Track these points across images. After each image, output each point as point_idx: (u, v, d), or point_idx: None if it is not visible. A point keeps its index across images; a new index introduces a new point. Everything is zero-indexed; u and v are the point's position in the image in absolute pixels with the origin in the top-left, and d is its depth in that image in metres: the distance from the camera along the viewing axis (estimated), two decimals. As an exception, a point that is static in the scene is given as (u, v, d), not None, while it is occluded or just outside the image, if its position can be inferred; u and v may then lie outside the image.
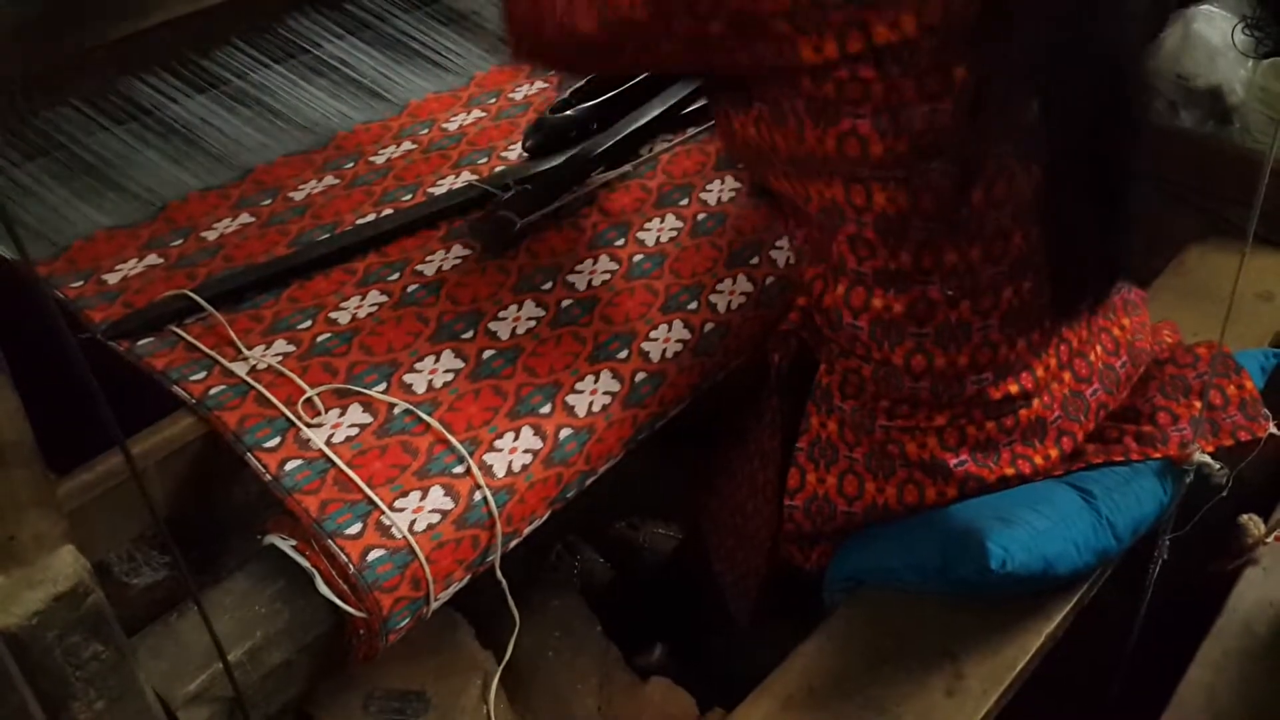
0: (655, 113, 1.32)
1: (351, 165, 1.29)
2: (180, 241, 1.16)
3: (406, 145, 1.32)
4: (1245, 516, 1.17)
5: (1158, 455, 1.11)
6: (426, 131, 1.34)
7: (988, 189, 0.92)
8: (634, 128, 1.29)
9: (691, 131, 1.35)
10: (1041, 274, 1.00)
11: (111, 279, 1.11)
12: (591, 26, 0.92)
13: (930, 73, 0.86)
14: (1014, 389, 1.04)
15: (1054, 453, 1.09)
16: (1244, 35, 1.60)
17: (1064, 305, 1.04)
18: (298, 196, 1.24)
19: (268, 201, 1.23)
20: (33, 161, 1.20)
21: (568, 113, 1.29)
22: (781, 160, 0.97)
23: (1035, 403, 1.06)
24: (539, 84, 1.44)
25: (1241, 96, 1.58)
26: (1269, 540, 1.16)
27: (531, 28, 0.98)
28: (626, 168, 1.27)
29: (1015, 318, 1.01)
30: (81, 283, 1.10)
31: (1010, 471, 1.07)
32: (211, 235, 1.18)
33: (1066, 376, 1.09)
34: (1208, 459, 1.08)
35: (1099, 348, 1.12)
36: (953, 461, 1.05)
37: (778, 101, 0.93)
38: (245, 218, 1.20)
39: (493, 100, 1.40)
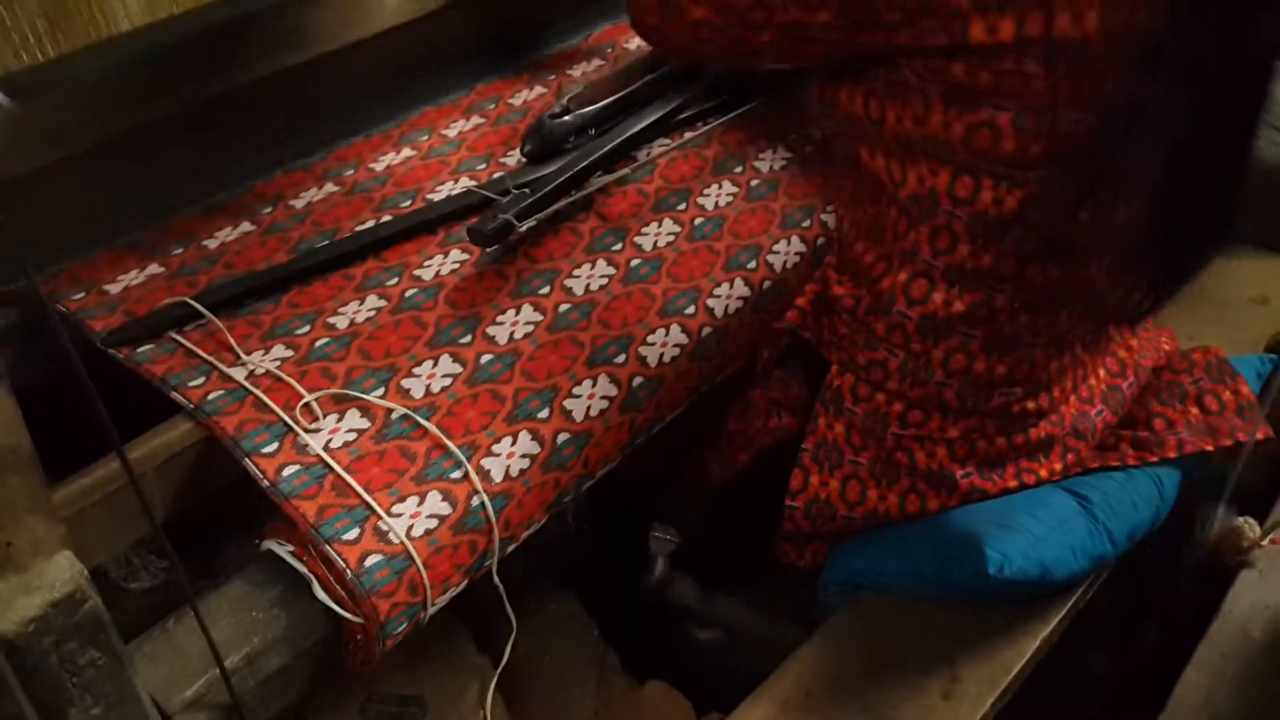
0: (653, 117, 1.32)
1: (351, 173, 1.29)
2: (181, 250, 1.17)
3: (406, 152, 1.32)
4: (1241, 520, 1.17)
5: (1154, 459, 1.11)
6: (426, 138, 1.35)
7: (1096, 211, 0.90)
8: (631, 132, 1.30)
9: (689, 136, 1.35)
10: (1092, 300, 0.99)
11: (113, 289, 1.11)
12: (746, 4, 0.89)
13: (1089, 79, 0.83)
14: (1032, 405, 1.05)
15: (1058, 466, 1.10)
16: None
17: (1100, 335, 1.03)
18: (298, 204, 1.24)
19: (268, 210, 1.23)
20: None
21: (565, 118, 1.30)
22: (887, 137, 0.94)
23: (1044, 422, 1.07)
24: (538, 90, 1.44)
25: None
26: (1264, 543, 1.16)
27: (665, 10, 0.95)
28: (624, 172, 1.28)
29: (1061, 339, 1.01)
30: (83, 294, 1.10)
31: (1014, 484, 1.08)
32: (213, 244, 1.18)
33: (1073, 399, 1.09)
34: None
35: (1102, 370, 1.13)
36: (959, 473, 1.06)
37: (906, 81, 0.89)
38: (246, 226, 1.20)
39: (492, 106, 1.41)
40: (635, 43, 1.55)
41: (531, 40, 1.53)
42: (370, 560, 0.88)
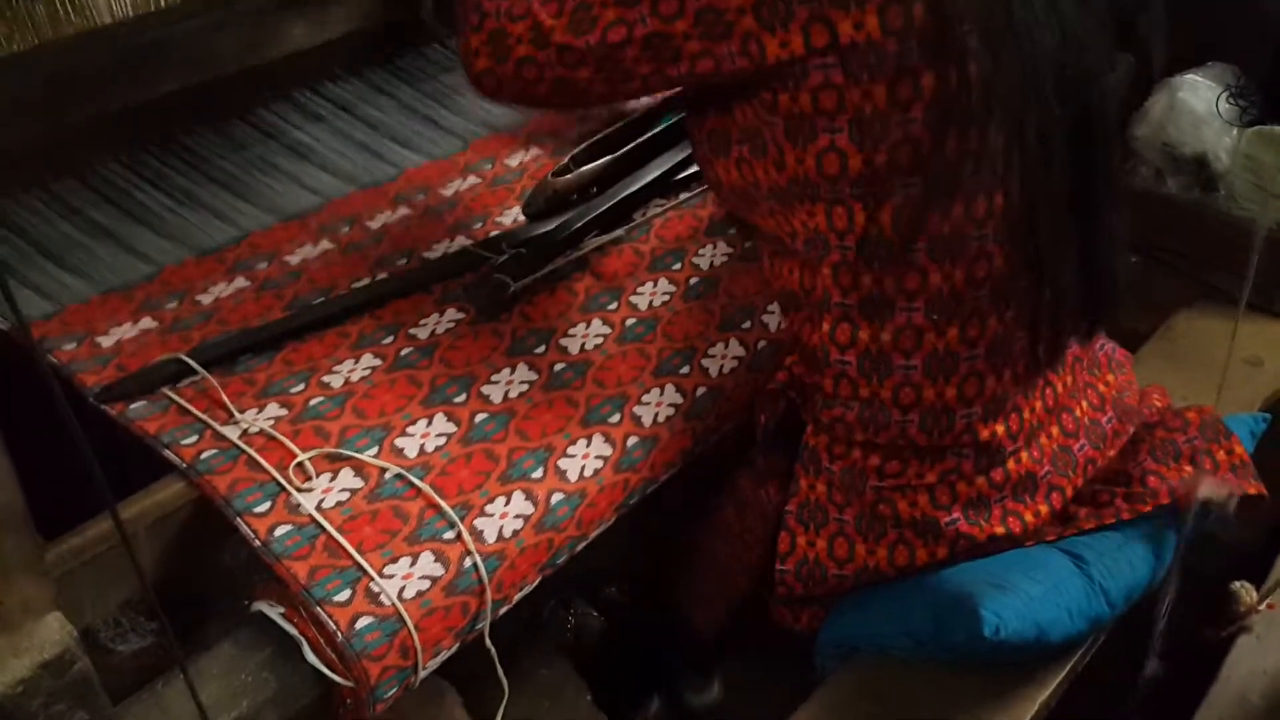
0: (649, 178, 1.33)
1: (347, 230, 1.29)
2: (175, 305, 1.17)
3: (402, 211, 1.33)
4: (1237, 584, 1.17)
5: (1147, 508, 1.11)
6: (422, 197, 1.36)
7: (967, 205, 0.93)
8: (627, 193, 1.31)
9: (684, 196, 1.36)
10: (1024, 303, 1.00)
11: (105, 342, 1.11)
12: (559, 23, 0.93)
13: (899, 78, 0.88)
14: (1001, 429, 1.04)
15: (1044, 509, 1.09)
16: (1228, 104, 1.63)
17: (1047, 343, 1.04)
18: (293, 260, 1.24)
19: (263, 265, 1.23)
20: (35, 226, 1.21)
21: (567, 178, 1.31)
22: (765, 194, 0.99)
23: (1024, 456, 1.07)
24: (534, 150, 1.46)
25: (1226, 164, 1.61)
26: (1261, 608, 1.16)
27: (495, 52, 0.97)
28: (619, 232, 1.29)
29: (1001, 347, 1.01)
30: (74, 345, 1.10)
31: (1000, 530, 1.07)
32: (207, 299, 1.18)
33: (1054, 430, 1.09)
34: (1211, 495, 1.08)
35: (1084, 403, 1.13)
36: (944, 520, 1.05)
37: (758, 132, 0.95)
38: (241, 281, 1.21)
39: (489, 167, 1.42)
40: (631, 104, 1.56)
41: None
42: (361, 622, 0.87)
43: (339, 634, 0.86)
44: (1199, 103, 1.63)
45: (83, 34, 1.00)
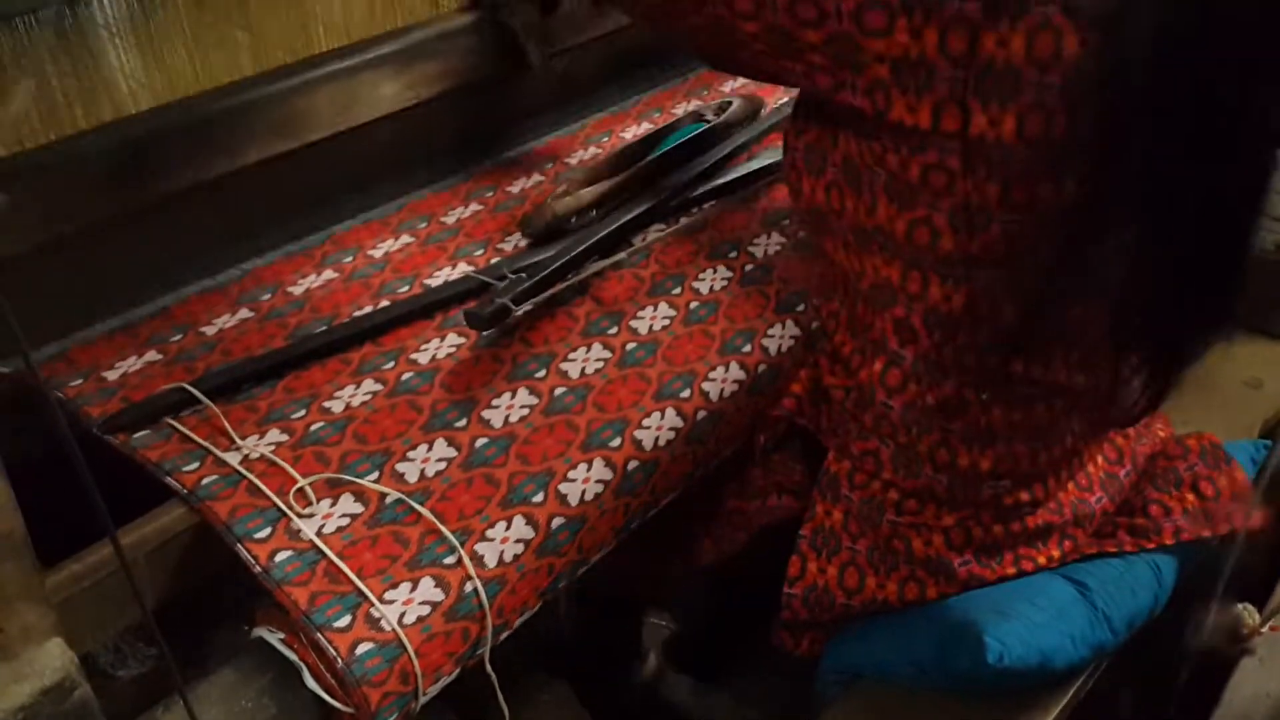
0: (650, 203, 1.34)
1: (350, 259, 1.30)
2: (180, 337, 1.17)
3: (405, 239, 1.34)
4: (1240, 606, 1.17)
5: (1151, 545, 1.11)
6: (424, 225, 1.36)
7: (1046, 309, 0.89)
8: (628, 218, 1.32)
9: (684, 221, 1.37)
10: (1076, 400, 0.98)
11: (111, 376, 1.11)
12: None
13: (1018, 183, 0.83)
14: (1025, 496, 1.05)
15: (1056, 553, 1.10)
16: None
17: (1101, 427, 1.03)
18: (296, 291, 1.25)
19: (267, 296, 1.24)
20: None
21: (566, 200, 1.32)
22: (845, 228, 0.95)
23: (1042, 511, 1.07)
24: (536, 177, 1.46)
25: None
26: (1264, 630, 1.15)
27: None
28: (620, 256, 1.29)
29: (1042, 434, 1.01)
30: (81, 381, 1.10)
31: (1012, 571, 1.07)
32: (211, 330, 1.19)
33: (1071, 486, 1.09)
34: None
35: (1100, 458, 1.13)
36: (957, 562, 1.05)
37: (857, 171, 0.91)
38: (244, 313, 1.21)
39: (490, 194, 1.43)
40: (630, 132, 1.58)
41: (530, 128, 1.56)
42: (361, 648, 0.87)
43: (339, 660, 0.86)
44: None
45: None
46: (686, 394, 1.14)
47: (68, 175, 1.07)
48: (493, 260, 1.30)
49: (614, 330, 1.21)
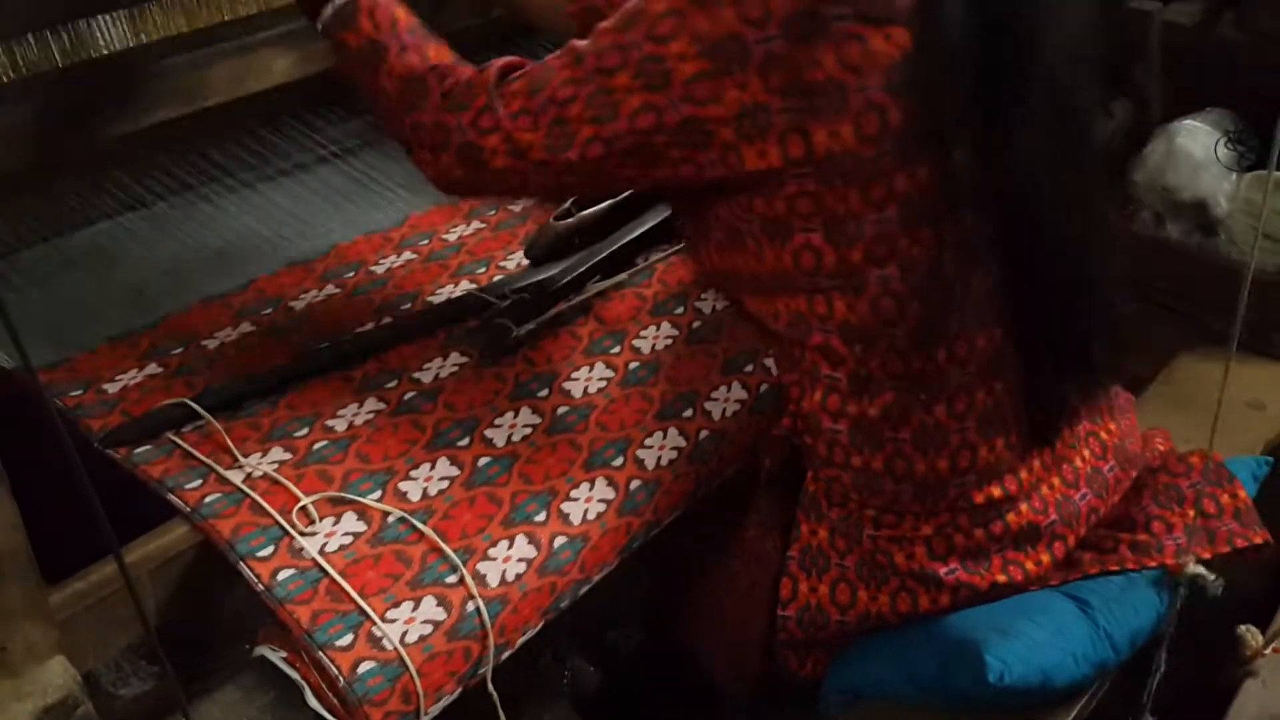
0: (652, 222, 1.35)
1: (353, 275, 1.31)
2: (180, 350, 1.18)
3: (407, 255, 1.34)
4: (1243, 628, 1.16)
5: (1153, 564, 1.11)
6: (427, 242, 1.37)
7: (944, 288, 0.94)
8: (630, 237, 1.32)
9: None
10: (1012, 375, 1.01)
11: (111, 388, 1.12)
12: (536, 138, 0.92)
13: (873, 181, 0.88)
14: (997, 492, 1.04)
15: (1045, 558, 1.09)
16: (1226, 149, 1.64)
17: (1037, 422, 1.04)
18: (298, 305, 1.25)
19: (268, 310, 1.24)
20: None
21: (568, 221, 1.32)
22: (745, 281, 1.00)
23: (1024, 507, 1.06)
24: (537, 196, 1.47)
25: (1226, 209, 1.62)
26: (1267, 652, 1.15)
27: (467, 144, 0.94)
28: (622, 276, 1.30)
29: (991, 419, 1.02)
30: (81, 391, 1.11)
31: (1002, 578, 1.07)
32: (212, 344, 1.19)
33: (1055, 481, 1.09)
34: (1202, 570, 1.08)
35: (1086, 452, 1.13)
36: (942, 571, 1.05)
37: (735, 228, 0.96)
38: (246, 326, 1.22)
39: (492, 212, 1.43)
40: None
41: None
42: (363, 667, 0.87)
43: (341, 679, 0.86)
44: (1197, 148, 1.64)
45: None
46: (689, 413, 1.14)
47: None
48: (495, 278, 1.30)
49: (616, 349, 1.21)
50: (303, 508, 0.98)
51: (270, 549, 0.95)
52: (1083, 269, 1.00)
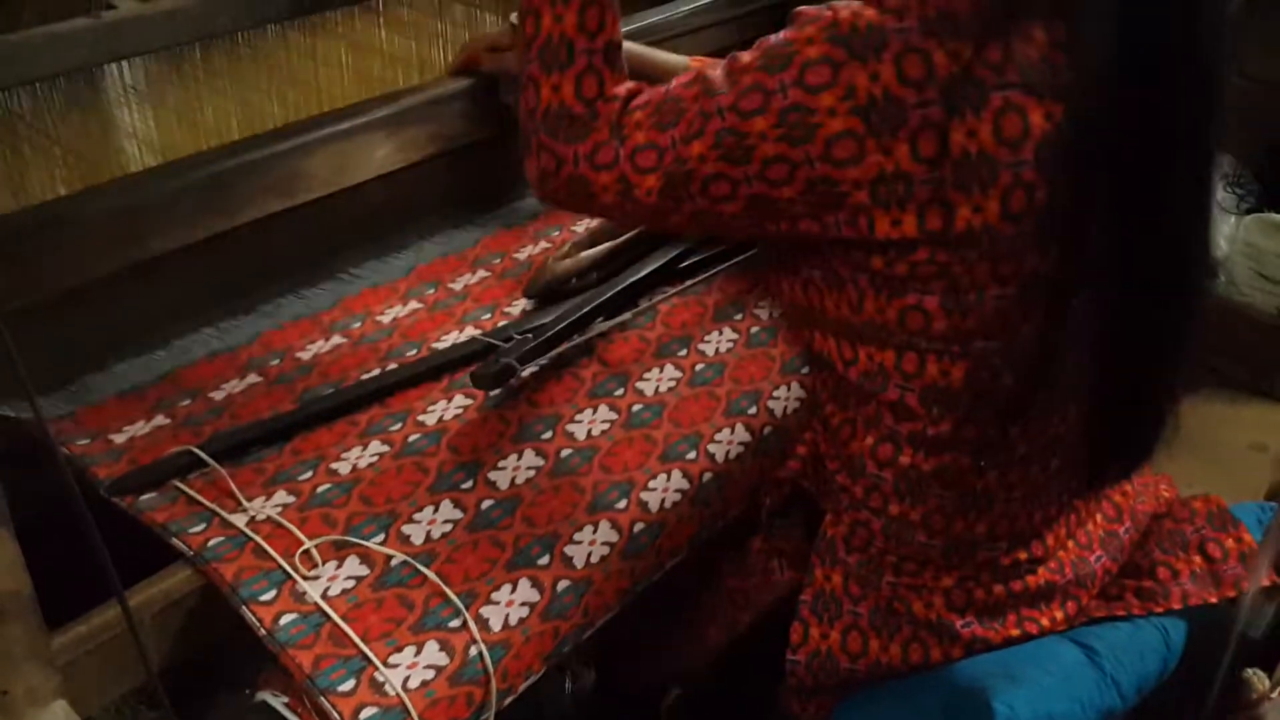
0: (655, 264, 1.35)
1: (359, 325, 1.31)
2: (188, 402, 1.18)
3: (413, 304, 1.35)
4: (1249, 671, 1.16)
5: (1160, 610, 1.10)
6: (433, 291, 1.38)
7: (1041, 373, 0.92)
8: (634, 279, 1.33)
9: (690, 283, 1.38)
10: (1069, 454, 1.00)
11: (118, 439, 1.12)
12: (652, 181, 0.88)
13: (1005, 259, 0.85)
14: (1023, 556, 1.04)
15: (1059, 615, 1.09)
16: (1226, 192, 1.65)
17: (1095, 479, 1.04)
18: (305, 356, 1.26)
19: (275, 362, 1.25)
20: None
21: (566, 262, 1.33)
22: (829, 322, 0.96)
23: (1042, 570, 1.06)
24: (543, 244, 1.48)
25: (1226, 251, 1.62)
26: (1274, 695, 1.14)
27: (579, 175, 0.92)
28: (625, 318, 1.30)
29: (1039, 493, 1.01)
30: (88, 441, 1.11)
31: (1016, 633, 1.07)
32: (219, 395, 1.19)
33: (1071, 544, 1.09)
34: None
35: (1099, 516, 1.13)
36: (959, 623, 1.05)
37: (837, 271, 0.91)
38: (253, 378, 1.22)
39: (497, 261, 1.44)
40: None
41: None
42: (366, 713, 0.87)
43: (343, 724, 0.86)
44: (1197, 192, 1.65)
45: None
46: (692, 455, 1.14)
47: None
48: (500, 324, 1.31)
49: (620, 391, 1.22)
50: (306, 551, 0.98)
51: (273, 593, 0.95)
52: (1187, 350, 0.97)
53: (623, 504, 1.08)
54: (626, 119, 0.89)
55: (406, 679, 0.90)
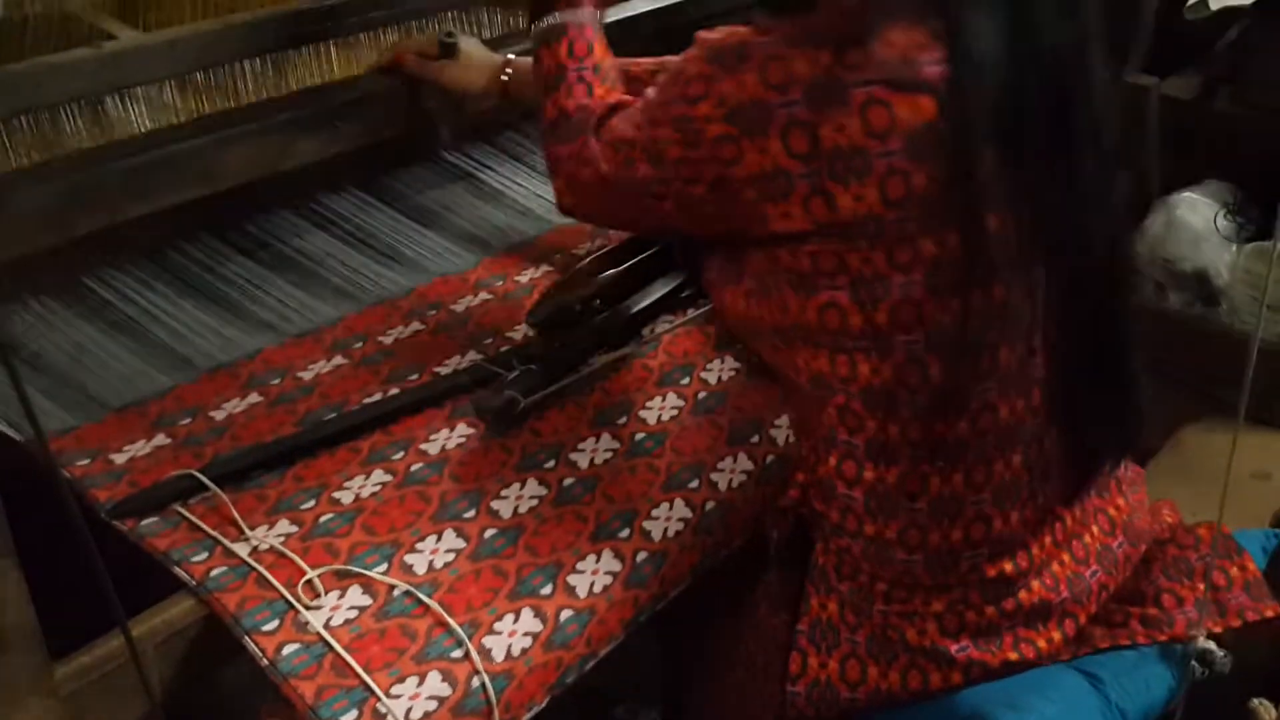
0: (658, 294, 1.36)
1: (360, 346, 1.31)
2: (189, 421, 1.18)
3: (415, 326, 1.35)
4: (1255, 701, 1.15)
5: (1164, 638, 1.10)
6: (434, 313, 1.38)
7: (971, 363, 0.94)
8: (637, 309, 1.33)
9: (692, 313, 1.38)
10: (1029, 448, 1.01)
11: (118, 459, 1.12)
12: (606, 172, 1.02)
13: (899, 245, 0.89)
14: (1009, 567, 1.04)
15: (1057, 636, 1.08)
16: (1226, 221, 1.66)
17: (1073, 489, 1.05)
18: (306, 376, 1.26)
19: (276, 381, 1.25)
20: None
21: (571, 289, 1.33)
22: (769, 332, 1.01)
23: (1035, 584, 1.06)
24: (544, 268, 1.48)
25: (1227, 279, 1.63)
26: (1282, 728, 1.13)
27: (571, 173, 1.07)
28: (628, 348, 1.30)
29: (1007, 491, 1.01)
30: (88, 461, 1.11)
31: (1014, 656, 1.06)
32: (220, 415, 1.19)
33: (1065, 557, 1.09)
34: (1211, 646, 1.07)
35: (1095, 528, 1.12)
36: (954, 648, 1.04)
37: (763, 276, 0.97)
38: (254, 397, 1.22)
39: (499, 283, 1.45)
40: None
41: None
42: (369, 744, 0.87)
43: (345, 756, 0.85)
44: (1197, 219, 1.66)
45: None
46: (695, 484, 1.14)
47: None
48: (502, 349, 1.31)
49: (622, 420, 1.21)
50: (308, 581, 0.98)
51: (275, 623, 0.95)
52: (1123, 328, 1.01)
53: (625, 533, 1.08)
54: (607, 122, 1.02)
55: (409, 710, 0.89)
